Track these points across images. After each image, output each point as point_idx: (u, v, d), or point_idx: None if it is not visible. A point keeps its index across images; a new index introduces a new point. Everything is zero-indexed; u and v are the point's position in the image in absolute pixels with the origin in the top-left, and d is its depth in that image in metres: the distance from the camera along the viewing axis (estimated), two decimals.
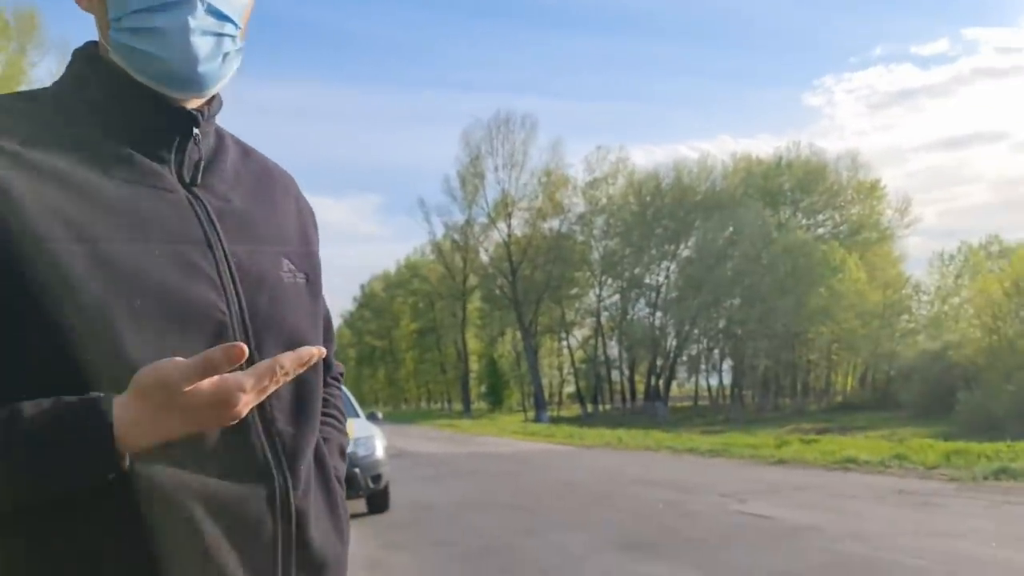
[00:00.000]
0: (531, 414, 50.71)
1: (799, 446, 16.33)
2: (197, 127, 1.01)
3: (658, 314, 52.68)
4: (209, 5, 0.96)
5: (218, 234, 0.99)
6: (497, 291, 54.71)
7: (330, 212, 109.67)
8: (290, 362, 0.90)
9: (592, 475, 13.11)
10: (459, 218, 54.30)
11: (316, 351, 0.91)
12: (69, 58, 1.04)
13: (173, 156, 1.00)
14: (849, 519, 7.75)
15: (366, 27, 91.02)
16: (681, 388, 59.98)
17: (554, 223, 52.61)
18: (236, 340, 0.93)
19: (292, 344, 0.95)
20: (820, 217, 52.44)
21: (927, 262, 53.17)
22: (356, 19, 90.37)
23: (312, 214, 1.19)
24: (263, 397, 0.90)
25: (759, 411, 45.99)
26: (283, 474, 0.96)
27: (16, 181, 0.88)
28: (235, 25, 1.00)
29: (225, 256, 0.98)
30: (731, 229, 47.14)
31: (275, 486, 0.95)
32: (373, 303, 78.67)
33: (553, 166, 51.54)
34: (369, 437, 9.57)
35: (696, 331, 50.87)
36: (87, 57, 1.02)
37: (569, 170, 53.04)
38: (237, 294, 0.97)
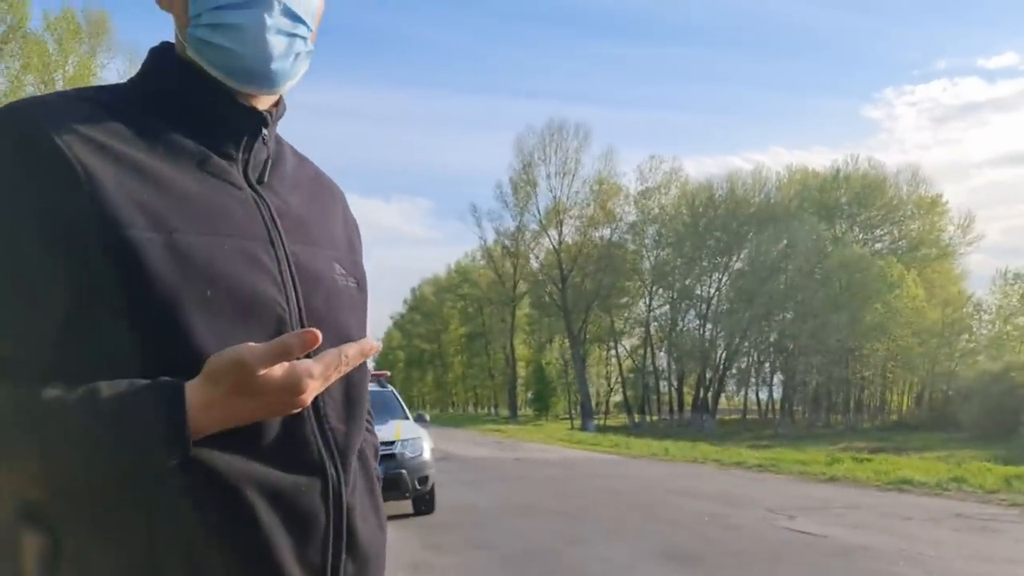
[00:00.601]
0: (577, 422, 50.53)
1: (851, 464, 15.97)
2: (266, 127, 1.06)
3: (708, 326, 52.12)
4: (284, 5, 1.01)
5: (280, 233, 1.02)
6: (546, 298, 54.70)
7: (380, 214, 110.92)
8: (354, 352, 0.94)
9: (637, 484, 13.00)
10: (510, 224, 54.52)
11: (377, 344, 0.95)
12: (140, 61, 1.08)
13: (240, 154, 1.04)
14: (903, 541, 7.56)
15: (422, 31, 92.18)
16: (730, 401, 59.22)
17: (605, 232, 52.50)
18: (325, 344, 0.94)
19: (343, 343, 0.97)
20: (878, 232, 51.37)
21: (990, 280, 51.73)
22: (412, 23, 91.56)
23: (357, 227, 1.23)
24: (326, 386, 0.93)
25: (809, 427, 45.16)
26: (335, 469, 0.99)
27: (101, 169, 0.91)
28: (307, 27, 1.04)
29: (285, 255, 1.01)
30: (785, 242, 46.44)
31: (328, 480, 0.98)
32: (423, 306, 79.32)
33: (605, 174, 51.45)
34: (416, 439, 9.63)
35: (746, 344, 50.19)
36: (162, 54, 1.06)
37: (621, 179, 52.89)
38: (296, 292, 1.00)
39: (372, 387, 10.91)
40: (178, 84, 1.03)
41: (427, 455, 9.50)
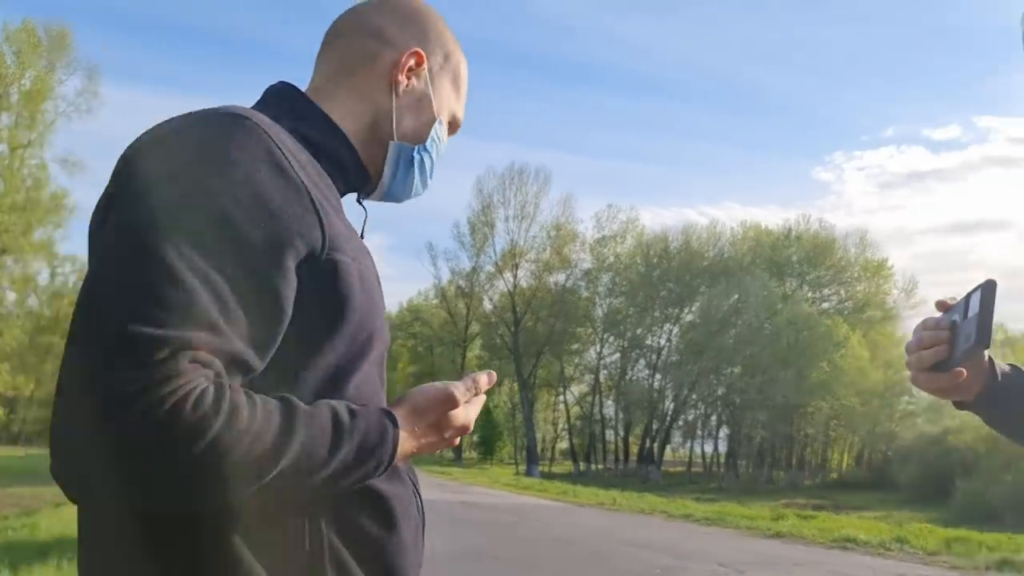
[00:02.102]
0: (522, 467, 50.23)
1: (796, 521, 16.12)
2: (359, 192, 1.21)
3: (657, 376, 52.51)
4: None
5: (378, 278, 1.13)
6: (498, 340, 54.67)
7: None
8: (484, 382, 1.11)
9: (588, 533, 12.94)
10: (466, 265, 54.57)
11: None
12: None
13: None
14: None
15: None
16: (675, 453, 59.47)
17: (560, 277, 52.84)
18: (385, 368, 1.12)
19: None
20: (826, 291, 52.59)
21: None
22: None
23: None
24: None
25: (753, 482, 45.52)
26: (414, 478, 1.14)
27: (315, 192, 0.97)
28: None
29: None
30: (736, 297, 47.23)
31: (418, 493, 1.15)
32: None
33: (563, 220, 51.96)
34: None
35: (694, 396, 50.63)
36: (303, 99, 1.14)
37: (579, 226, 53.42)
38: None
39: None
40: (327, 135, 1.12)
41: None
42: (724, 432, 51.42)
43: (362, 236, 1.14)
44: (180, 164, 0.90)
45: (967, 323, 1.20)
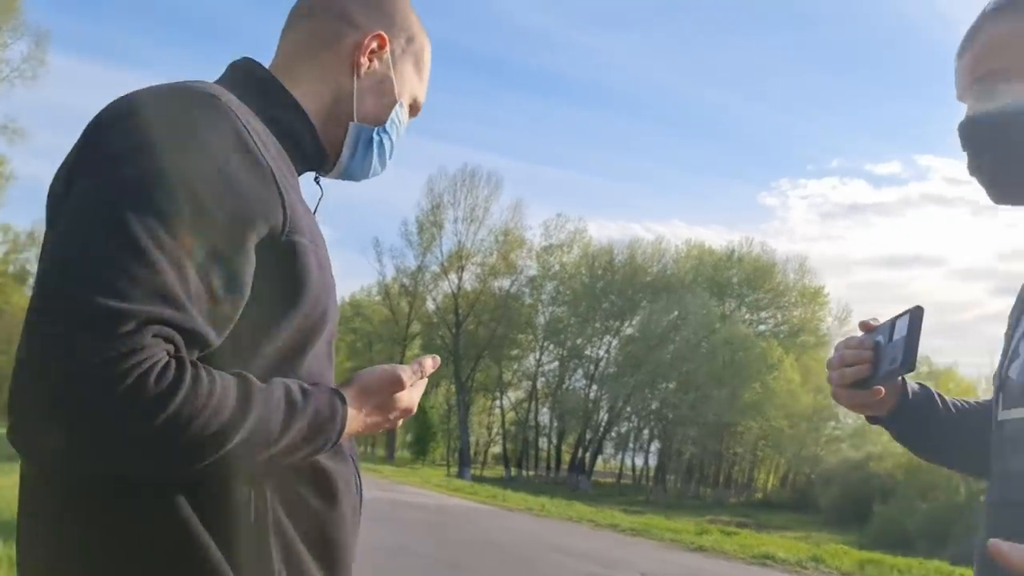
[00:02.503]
0: (454, 469, 50.13)
1: (719, 536, 16.41)
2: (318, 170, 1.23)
3: (594, 387, 52.92)
4: None
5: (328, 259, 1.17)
6: (438, 341, 54.46)
7: None
8: (430, 364, 1.16)
9: (515, 537, 13.00)
10: (411, 264, 54.29)
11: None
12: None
13: None
14: None
15: None
16: (606, 464, 59.96)
17: (505, 282, 52.88)
18: (334, 348, 1.14)
19: None
20: (763, 314, 53.64)
21: None
22: None
23: None
24: None
25: (680, 496, 46.18)
26: (354, 459, 1.17)
27: (278, 172, 0.99)
28: None
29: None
30: (676, 313, 47.87)
31: (358, 470, 1.19)
32: None
33: (512, 226, 52.03)
34: None
35: (628, 409, 51.15)
36: (268, 78, 1.15)
37: (527, 232, 53.54)
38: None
39: None
40: (291, 114, 1.13)
41: None
42: (655, 446, 52.08)
43: (315, 213, 1.17)
44: (150, 138, 0.90)
45: (892, 346, 1.23)
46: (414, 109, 1.30)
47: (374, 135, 1.20)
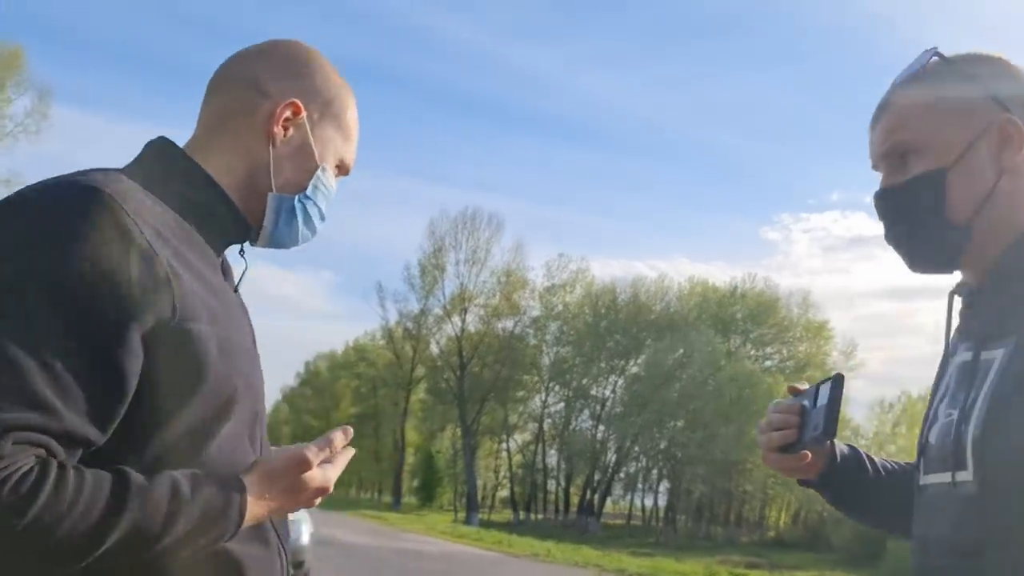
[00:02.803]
0: (462, 514, 49.53)
1: None
2: (242, 243, 1.22)
3: (601, 427, 52.48)
4: None
5: (254, 334, 1.18)
6: (443, 385, 54.21)
7: (282, 284, 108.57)
8: (340, 439, 1.12)
9: None
10: (414, 307, 54.22)
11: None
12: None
13: (222, 259, 1.18)
14: None
15: None
16: (615, 505, 59.24)
17: (508, 324, 52.74)
18: (263, 429, 1.15)
19: (266, 435, 1.16)
20: (768, 350, 53.35)
21: (868, 407, 54.10)
22: None
23: None
24: None
25: (691, 537, 45.50)
26: (281, 543, 1.16)
27: (174, 260, 0.99)
28: None
29: (257, 354, 1.17)
30: (681, 352, 47.65)
31: (282, 556, 1.16)
32: (315, 381, 77.33)
33: (514, 267, 52.06)
34: (296, 521, 9.25)
35: (636, 449, 50.66)
36: (179, 156, 1.15)
37: (529, 273, 53.53)
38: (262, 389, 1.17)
39: None
40: (197, 189, 1.12)
41: (305, 539, 9.14)
42: (664, 486, 51.43)
43: (236, 290, 1.19)
44: (19, 237, 0.91)
45: (815, 412, 1.26)
46: (343, 169, 1.28)
47: (295, 203, 1.19)
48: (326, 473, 1.08)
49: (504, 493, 61.32)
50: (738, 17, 77.57)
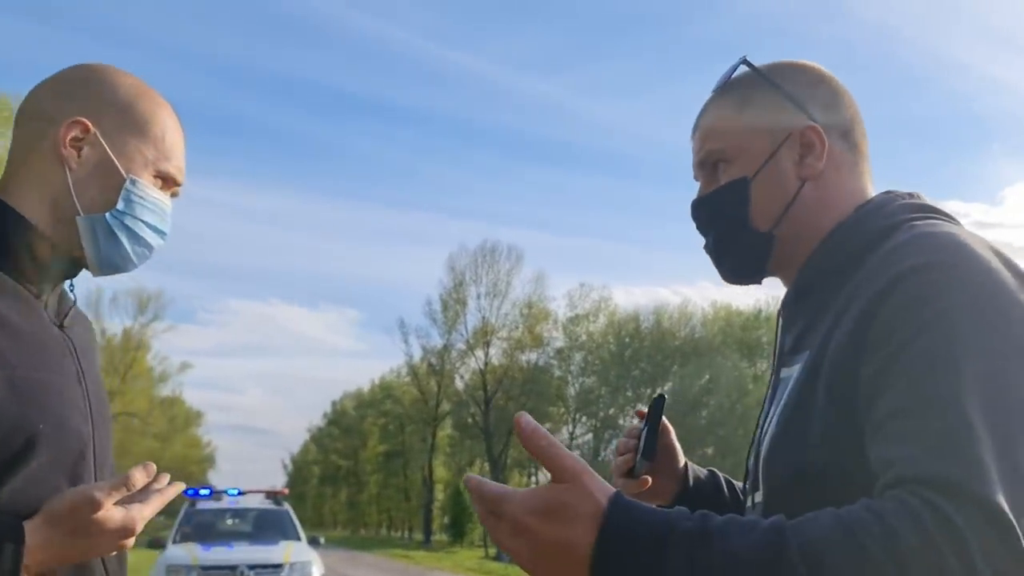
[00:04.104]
0: (492, 550, 48.96)
1: None
2: (74, 277, 1.21)
3: None
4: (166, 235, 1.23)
5: (82, 371, 1.16)
6: (469, 420, 53.97)
7: (305, 323, 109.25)
8: (140, 477, 1.07)
9: None
10: (437, 342, 54.19)
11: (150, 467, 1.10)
12: None
13: (46, 296, 1.16)
14: None
15: (357, 144, 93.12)
16: None
17: (532, 355, 52.52)
18: (90, 468, 1.12)
19: (113, 474, 1.14)
20: None
21: None
22: (348, 136, 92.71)
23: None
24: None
25: None
26: None
27: None
28: None
29: (87, 391, 1.15)
30: (707, 377, 47.16)
31: None
32: (343, 421, 77.39)
33: (535, 298, 51.93)
34: (306, 563, 9.10)
35: None
36: None
37: (551, 304, 53.38)
38: (92, 426, 1.15)
39: (266, 505, 10.33)
40: (5, 225, 1.12)
41: None
42: None
43: (61, 326, 1.16)
44: None
45: (642, 436, 1.28)
46: (166, 180, 1.20)
47: (109, 221, 1.15)
48: (129, 513, 1.02)
49: None
50: (751, 41, 77.72)
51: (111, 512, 1.01)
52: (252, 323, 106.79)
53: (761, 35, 74.70)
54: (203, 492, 11.66)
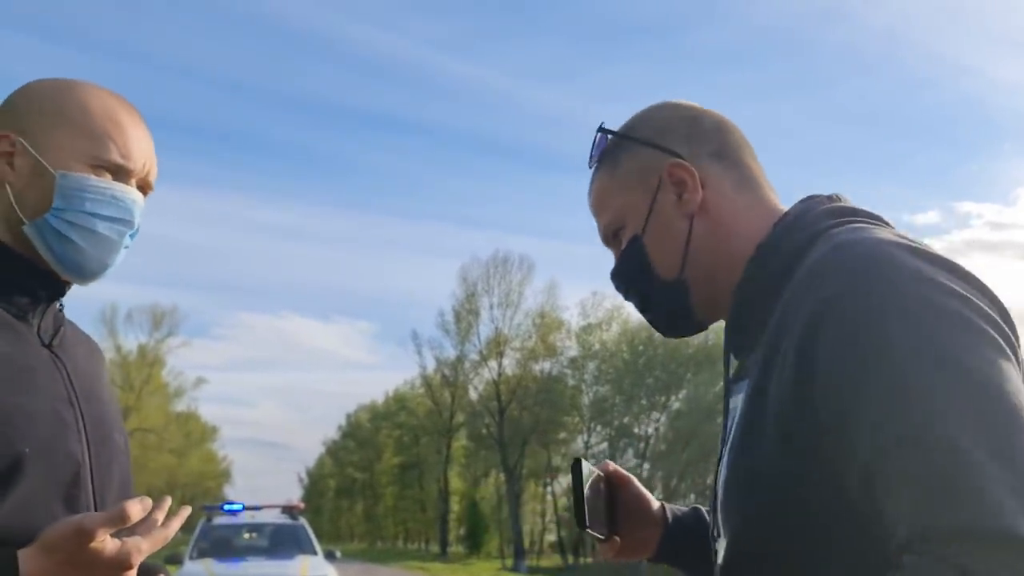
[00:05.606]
0: (509, 561, 48.83)
1: None
2: (63, 296, 1.20)
3: (646, 465, 51.60)
4: (137, 228, 1.18)
5: (75, 392, 1.14)
6: (483, 430, 53.88)
7: (318, 336, 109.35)
8: (138, 510, 1.01)
9: None
10: (451, 353, 54.16)
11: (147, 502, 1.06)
12: None
13: (35, 318, 1.15)
14: None
15: (369, 157, 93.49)
16: None
17: (545, 365, 52.41)
18: (88, 490, 1.11)
19: (124, 497, 1.10)
20: None
21: None
22: (360, 149, 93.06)
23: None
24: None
25: None
26: None
27: None
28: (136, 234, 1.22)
29: (81, 413, 1.13)
30: (721, 384, 46.81)
31: None
32: (358, 433, 77.39)
33: (548, 308, 51.87)
34: None
35: (684, 486, 49.69)
36: None
37: (564, 313, 53.28)
38: (89, 447, 1.12)
39: (282, 519, 10.29)
40: None
41: None
42: None
43: (50, 344, 1.15)
44: None
45: None
46: (109, 167, 1.16)
47: (51, 221, 1.12)
48: (126, 545, 0.99)
49: (552, 537, 60.42)
50: (754, 48, 77.60)
51: (105, 544, 0.98)
52: (265, 337, 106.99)
53: (770, 42, 74.69)
54: (233, 507, 11.62)
